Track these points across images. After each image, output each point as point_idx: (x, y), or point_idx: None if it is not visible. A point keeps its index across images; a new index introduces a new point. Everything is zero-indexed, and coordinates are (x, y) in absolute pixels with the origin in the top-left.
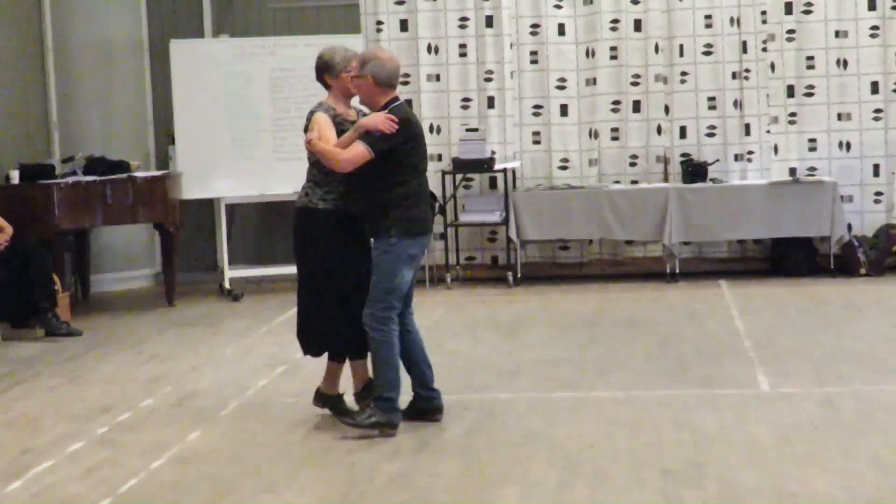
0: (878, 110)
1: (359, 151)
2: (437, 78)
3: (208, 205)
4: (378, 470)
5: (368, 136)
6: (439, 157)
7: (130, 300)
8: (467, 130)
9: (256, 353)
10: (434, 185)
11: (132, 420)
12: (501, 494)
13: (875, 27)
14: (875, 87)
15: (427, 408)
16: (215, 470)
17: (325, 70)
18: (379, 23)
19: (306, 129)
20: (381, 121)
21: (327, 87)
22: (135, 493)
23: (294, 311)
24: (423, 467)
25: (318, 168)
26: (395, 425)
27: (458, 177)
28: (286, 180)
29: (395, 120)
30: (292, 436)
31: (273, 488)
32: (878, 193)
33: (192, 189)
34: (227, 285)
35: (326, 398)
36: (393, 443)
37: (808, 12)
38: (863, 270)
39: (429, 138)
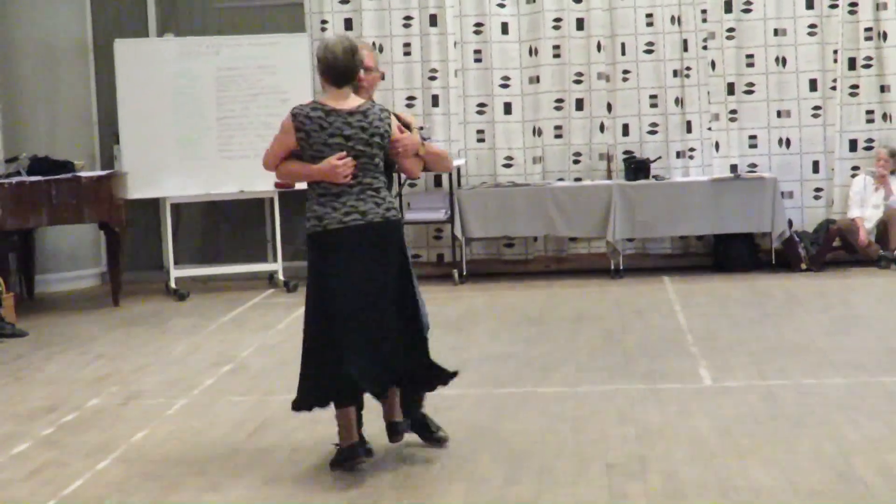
0: (816, 107)
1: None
2: (382, 76)
3: (154, 204)
4: (323, 468)
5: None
6: None
7: (76, 300)
8: None
9: (203, 351)
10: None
11: (78, 420)
12: (448, 491)
13: (813, 25)
14: (813, 85)
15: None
16: (161, 470)
17: (361, 67)
18: (324, 22)
19: (381, 135)
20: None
21: (358, 82)
22: (80, 493)
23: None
24: (370, 463)
25: (385, 174)
26: None
27: (404, 175)
28: (232, 179)
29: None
30: (238, 435)
31: (218, 488)
32: (818, 189)
33: (137, 188)
34: (172, 284)
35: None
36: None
37: (747, 11)
38: (803, 265)
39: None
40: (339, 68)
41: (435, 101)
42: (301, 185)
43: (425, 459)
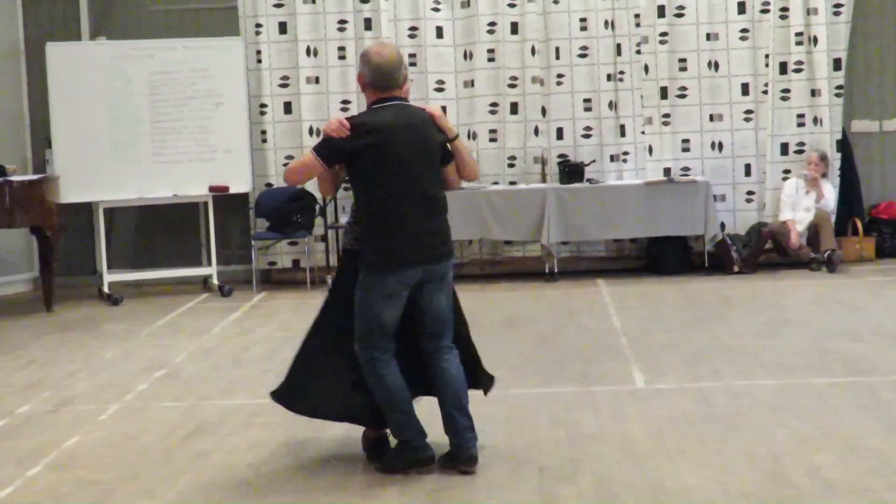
0: (748, 111)
1: (305, 159)
2: (317, 80)
3: (87, 208)
4: (257, 473)
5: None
6: None
7: (8, 305)
8: None
9: (136, 356)
10: (314, 187)
11: (8, 427)
12: (381, 495)
13: (745, 30)
14: (745, 89)
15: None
16: (93, 475)
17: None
18: (258, 25)
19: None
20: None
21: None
22: (11, 500)
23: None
24: (304, 468)
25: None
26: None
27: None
28: (166, 183)
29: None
30: (171, 440)
31: (152, 494)
32: (750, 193)
33: (70, 193)
34: (106, 289)
35: None
36: (273, 445)
37: (680, 15)
38: (736, 268)
39: (309, 140)
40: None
41: None
42: (237, 189)
43: (361, 462)
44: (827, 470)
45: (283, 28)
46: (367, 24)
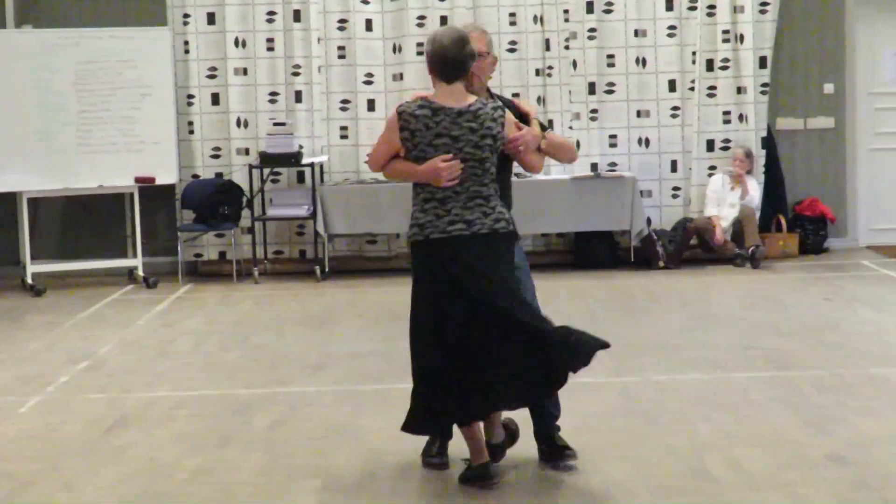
0: (675, 108)
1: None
2: (245, 72)
3: (11, 198)
4: (180, 465)
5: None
6: (247, 152)
7: None
8: (275, 124)
9: (59, 348)
10: (241, 178)
11: None
12: (303, 487)
13: (672, 27)
14: (672, 86)
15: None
16: (14, 467)
17: (474, 59)
18: (186, 16)
19: (493, 137)
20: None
21: (465, 77)
22: None
23: None
24: (226, 461)
25: (499, 179)
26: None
27: (266, 171)
28: (91, 173)
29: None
30: (93, 432)
31: (72, 485)
32: (676, 188)
33: None
34: (29, 280)
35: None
36: (197, 438)
37: (608, 11)
38: (661, 263)
39: (236, 132)
40: (448, 61)
41: (298, 97)
42: (164, 181)
43: (284, 456)
44: (748, 463)
45: (211, 18)
46: (297, 15)
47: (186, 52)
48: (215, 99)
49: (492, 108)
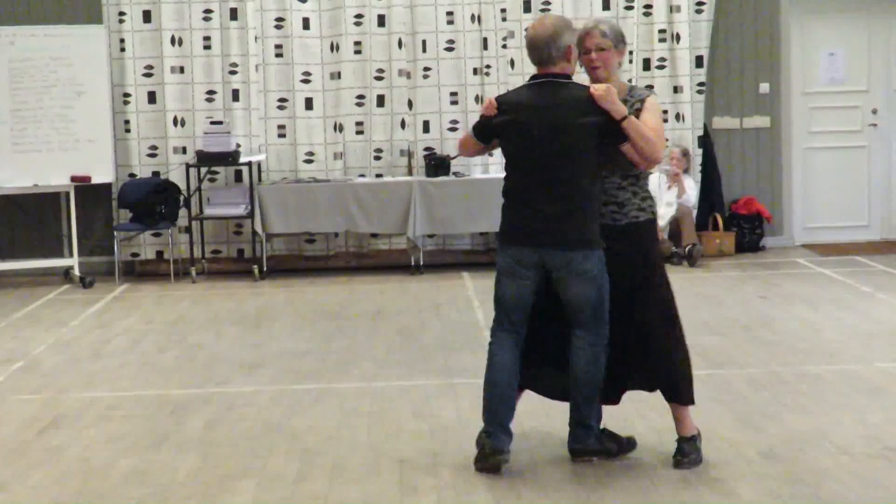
0: None
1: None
2: (182, 70)
3: None
4: (114, 466)
5: None
6: (184, 150)
7: None
8: (212, 123)
9: None
10: (178, 177)
11: None
12: (239, 487)
13: None
14: None
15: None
16: None
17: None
18: (121, 13)
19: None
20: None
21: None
22: None
23: None
24: (162, 462)
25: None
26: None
27: (203, 170)
28: (26, 172)
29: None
30: (27, 433)
31: (5, 487)
32: None
33: None
34: None
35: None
36: (132, 438)
37: (545, 10)
38: None
39: (173, 131)
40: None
41: (235, 95)
42: (99, 180)
43: (220, 456)
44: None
45: (147, 16)
46: (233, 13)
47: (122, 50)
48: (152, 97)
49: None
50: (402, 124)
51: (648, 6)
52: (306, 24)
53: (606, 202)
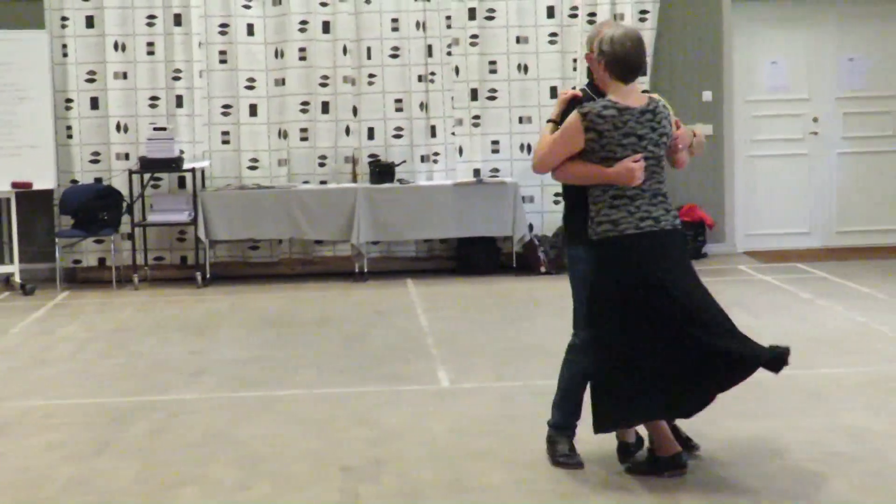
0: None
1: None
2: (125, 76)
3: None
4: (54, 474)
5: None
6: (127, 157)
7: None
8: (155, 129)
9: None
10: (121, 184)
11: None
12: (180, 495)
13: (554, 34)
14: (554, 92)
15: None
16: None
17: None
18: (64, 19)
19: (667, 134)
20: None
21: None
22: None
23: None
24: (103, 470)
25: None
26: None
27: (146, 176)
28: None
29: None
30: None
31: None
32: (558, 195)
33: None
34: None
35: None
36: (72, 446)
37: (490, 18)
38: (543, 269)
39: (116, 137)
40: (631, 62)
41: (179, 101)
42: (41, 186)
43: (162, 464)
44: (624, 467)
45: (90, 22)
46: (177, 19)
47: (65, 55)
48: (94, 103)
49: (663, 107)
50: (347, 131)
51: (593, 14)
52: (251, 30)
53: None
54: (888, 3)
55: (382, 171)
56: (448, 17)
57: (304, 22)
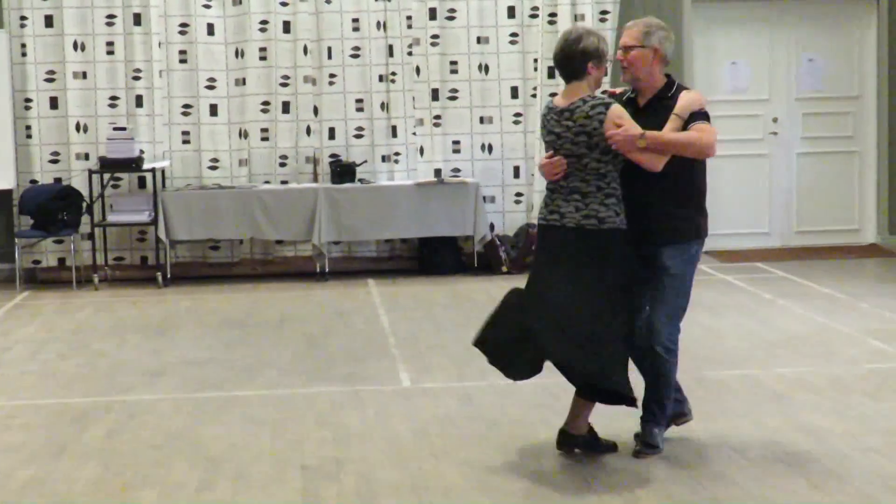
0: (517, 114)
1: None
2: (84, 76)
3: None
4: (12, 475)
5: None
6: (86, 157)
7: None
8: (115, 129)
9: None
10: (81, 184)
11: None
12: (140, 497)
13: (514, 34)
14: (515, 92)
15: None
16: None
17: (592, 57)
18: (23, 18)
19: (588, 134)
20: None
21: (581, 76)
22: None
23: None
24: (61, 471)
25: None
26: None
27: (106, 176)
28: None
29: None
30: None
31: None
32: (519, 194)
33: None
34: None
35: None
36: (30, 447)
37: (451, 18)
38: (504, 268)
39: (76, 137)
40: (556, 61)
41: (139, 101)
42: (1, 186)
43: (121, 465)
44: (585, 466)
45: (49, 21)
46: (137, 19)
47: (24, 55)
48: (54, 103)
49: (590, 107)
50: (308, 131)
51: (553, 15)
52: (211, 29)
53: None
54: (847, 4)
55: (343, 171)
56: (409, 17)
57: (264, 22)
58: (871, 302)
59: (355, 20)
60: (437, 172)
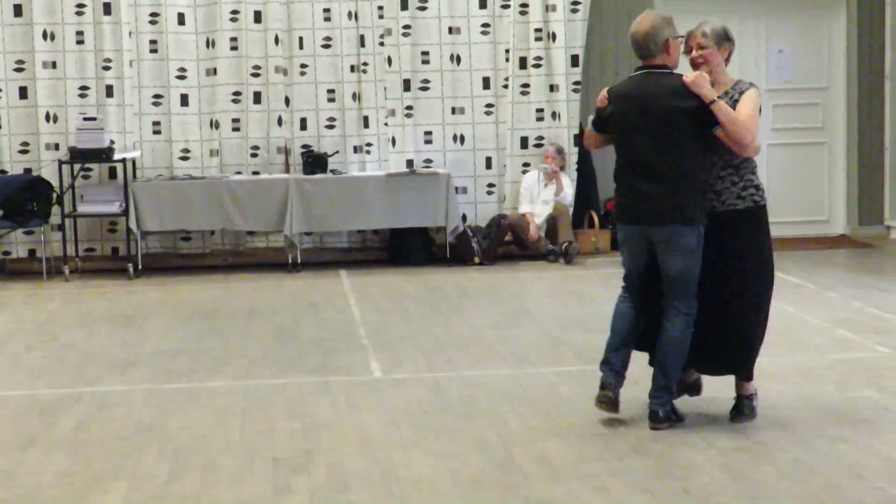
0: (489, 105)
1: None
2: (54, 65)
3: None
4: None
5: None
6: (56, 147)
7: None
8: (85, 119)
9: None
10: (51, 174)
11: None
12: (109, 488)
13: (486, 25)
14: (486, 83)
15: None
16: None
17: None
18: None
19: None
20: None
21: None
22: None
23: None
24: (29, 463)
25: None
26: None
27: (76, 166)
28: None
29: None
30: None
31: None
32: (491, 185)
33: None
34: None
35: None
36: None
37: (422, 9)
38: (476, 260)
39: (45, 127)
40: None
41: (109, 91)
42: None
43: (90, 457)
44: (554, 456)
45: (17, 10)
46: (107, 8)
47: None
48: (23, 93)
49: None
50: (279, 121)
51: (525, 5)
52: (181, 19)
53: (706, 191)
54: None
55: (315, 162)
56: (380, 8)
57: (234, 11)
58: (839, 292)
59: (326, 10)
60: (409, 163)
